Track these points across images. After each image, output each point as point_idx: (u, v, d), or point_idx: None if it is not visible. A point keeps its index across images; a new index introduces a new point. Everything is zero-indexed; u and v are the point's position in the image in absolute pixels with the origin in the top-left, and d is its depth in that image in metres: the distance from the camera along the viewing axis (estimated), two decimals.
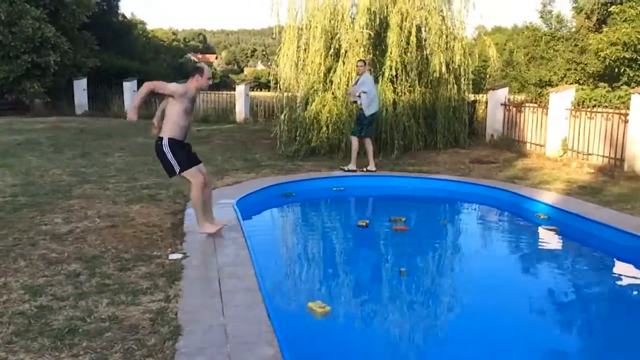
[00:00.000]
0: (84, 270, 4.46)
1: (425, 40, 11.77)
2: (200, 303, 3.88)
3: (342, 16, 11.36)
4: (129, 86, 20.10)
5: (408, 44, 11.13)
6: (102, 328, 3.46)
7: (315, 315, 4.12)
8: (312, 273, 5.53)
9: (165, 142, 5.15)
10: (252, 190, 7.70)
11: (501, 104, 12.62)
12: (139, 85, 21.52)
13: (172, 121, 5.16)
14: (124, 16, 30.89)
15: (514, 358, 3.74)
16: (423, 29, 11.91)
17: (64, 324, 3.49)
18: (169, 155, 5.16)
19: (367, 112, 9.18)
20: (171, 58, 44.49)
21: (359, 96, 9.16)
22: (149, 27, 51.29)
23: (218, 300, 3.92)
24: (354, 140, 9.38)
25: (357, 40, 10.95)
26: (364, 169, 9.32)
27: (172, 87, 5.17)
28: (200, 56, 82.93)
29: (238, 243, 5.32)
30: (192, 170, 5.28)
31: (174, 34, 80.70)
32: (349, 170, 9.20)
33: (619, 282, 5.44)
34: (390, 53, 10.99)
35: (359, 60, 9.74)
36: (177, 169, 5.21)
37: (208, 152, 11.41)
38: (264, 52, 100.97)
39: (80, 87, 20.70)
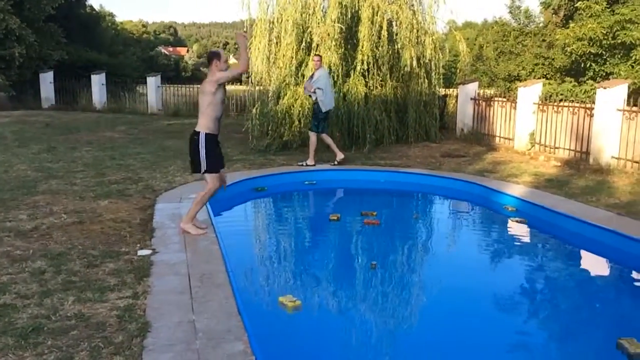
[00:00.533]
0: (50, 268, 4.37)
1: (396, 35, 11.81)
2: (169, 299, 3.84)
3: (314, 9, 11.32)
4: (97, 79, 19.71)
5: (379, 38, 11.17)
6: (67, 326, 3.40)
7: (286, 310, 4.12)
8: (283, 267, 5.52)
9: (202, 137, 5.12)
10: None
11: (471, 98, 12.76)
12: (108, 78, 21.20)
13: (208, 114, 5.12)
14: (92, 8, 30.24)
15: (485, 346, 3.80)
16: (394, 24, 11.96)
17: (29, 323, 3.42)
18: (202, 153, 5.14)
19: (324, 108, 9.23)
20: (141, 51, 43.88)
21: (314, 92, 9.19)
22: (118, 19, 50.43)
23: (187, 296, 3.89)
24: (312, 136, 9.41)
25: (328, 34, 10.93)
26: (335, 162, 9.34)
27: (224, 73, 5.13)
28: (171, 49, 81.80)
29: (208, 238, 5.28)
30: (215, 175, 5.27)
31: (144, 26, 79.37)
32: (307, 166, 9.21)
33: (583, 272, 5.58)
34: (362, 47, 11.02)
35: (315, 55, 9.78)
36: (203, 168, 5.20)
37: (179, 146, 11.28)
38: (236, 46, 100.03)
39: (47, 80, 20.20)
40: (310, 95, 9.55)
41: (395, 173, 8.99)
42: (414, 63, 11.47)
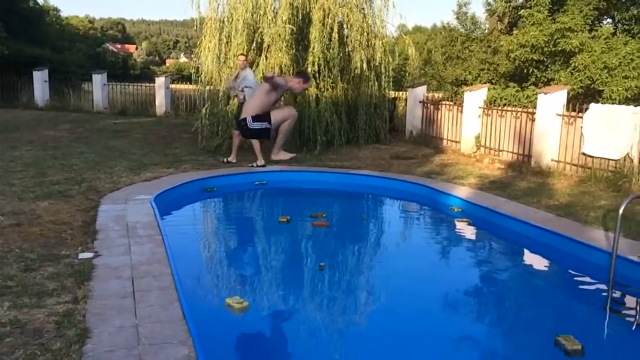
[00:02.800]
0: None
1: (347, 37, 11.91)
2: (111, 304, 3.73)
3: (265, 10, 11.25)
4: (39, 76, 19.00)
5: (330, 40, 11.21)
6: (2, 333, 3.25)
7: (233, 312, 4.08)
8: (231, 270, 5.47)
9: (249, 120, 6.56)
10: (171, 186, 7.51)
11: (420, 102, 13.01)
12: (51, 75, 20.47)
13: (257, 105, 6.48)
14: (35, 2, 29.09)
15: (432, 345, 3.88)
16: (345, 26, 12.04)
17: None
18: (257, 126, 6.52)
19: None
20: (87, 47, 42.58)
21: (242, 90, 9.21)
22: (63, 14, 48.86)
23: (130, 301, 3.79)
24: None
25: (279, 35, 10.91)
26: (225, 160, 9.48)
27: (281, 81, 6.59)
28: (119, 46, 79.78)
29: (154, 241, 5.16)
30: (282, 115, 6.96)
31: (90, 22, 77.20)
32: (258, 166, 9.20)
33: (524, 271, 5.77)
34: (313, 49, 11.04)
35: (240, 54, 9.82)
36: (267, 126, 6.61)
37: (126, 146, 11.04)
38: (187, 44, 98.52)
39: None
40: (236, 96, 9.59)
41: (346, 174, 9.05)
42: (364, 66, 11.58)
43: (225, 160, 9.54)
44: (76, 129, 13.62)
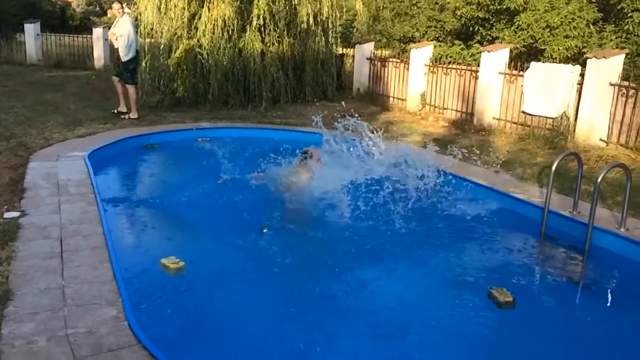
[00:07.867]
0: None
1: None
2: (36, 265, 3.57)
3: None
4: None
5: None
6: None
7: (168, 272, 3.99)
8: (167, 229, 5.34)
9: None
10: (107, 142, 7.23)
11: (367, 58, 12.91)
12: None
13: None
14: None
15: (365, 300, 3.93)
16: None
17: None
18: None
19: (125, 57, 9.10)
20: None
21: (116, 39, 8.99)
22: None
23: (57, 261, 3.65)
24: (130, 89, 9.27)
25: None
26: (115, 111, 9.35)
27: None
28: None
29: (86, 199, 4.97)
30: None
31: None
32: (130, 118, 9.13)
33: (459, 225, 5.82)
34: (258, 1, 10.70)
35: (115, 2, 9.52)
36: None
37: (60, 100, 10.52)
38: None
39: None
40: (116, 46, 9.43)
41: (290, 132, 8.95)
42: (311, 20, 11.35)
43: (115, 111, 9.36)
44: (6, 81, 12.85)
